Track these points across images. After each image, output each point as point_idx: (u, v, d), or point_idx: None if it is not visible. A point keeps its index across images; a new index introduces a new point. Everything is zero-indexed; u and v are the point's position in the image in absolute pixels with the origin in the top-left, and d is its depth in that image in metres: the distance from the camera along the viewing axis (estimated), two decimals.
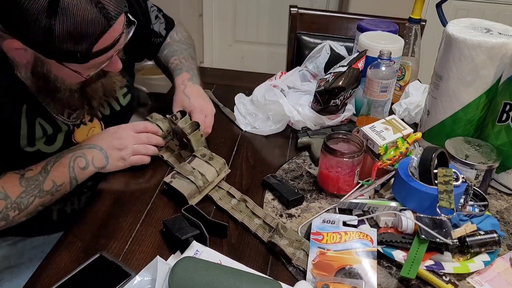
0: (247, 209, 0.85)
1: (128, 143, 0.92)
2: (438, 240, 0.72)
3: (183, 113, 0.98)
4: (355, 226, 0.80)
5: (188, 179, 0.87)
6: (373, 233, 0.76)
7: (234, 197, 0.88)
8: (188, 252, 0.73)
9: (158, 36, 1.15)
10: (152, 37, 1.14)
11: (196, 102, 1.01)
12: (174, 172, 0.90)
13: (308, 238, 0.77)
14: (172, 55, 1.14)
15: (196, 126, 0.95)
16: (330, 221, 0.79)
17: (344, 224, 0.79)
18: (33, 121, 0.84)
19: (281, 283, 0.66)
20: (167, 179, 0.88)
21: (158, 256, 0.69)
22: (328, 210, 0.87)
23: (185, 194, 0.84)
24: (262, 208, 0.87)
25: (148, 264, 0.70)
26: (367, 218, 0.81)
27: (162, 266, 0.68)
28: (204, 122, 0.99)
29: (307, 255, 0.75)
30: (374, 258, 0.72)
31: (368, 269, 0.71)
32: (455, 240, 0.73)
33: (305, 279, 0.71)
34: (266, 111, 1.12)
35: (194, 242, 0.74)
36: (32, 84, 0.81)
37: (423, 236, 0.72)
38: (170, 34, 1.19)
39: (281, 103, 1.08)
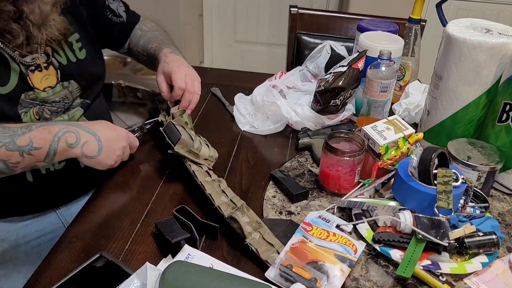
0: (218, 188, 0.87)
1: (120, 152, 0.91)
2: (436, 241, 0.72)
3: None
4: (357, 234, 0.80)
5: (189, 135, 0.91)
6: (360, 245, 0.76)
7: (210, 176, 0.90)
8: (180, 256, 0.72)
9: (117, 16, 1.13)
10: (109, 13, 1.12)
11: (173, 65, 1.04)
12: (179, 125, 0.94)
13: None
14: (149, 42, 1.15)
15: (182, 112, 1.00)
16: (325, 219, 0.80)
17: (338, 227, 0.79)
18: None
19: (273, 287, 0.66)
20: (170, 120, 0.93)
21: (147, 262, 0.68)
22: (328, 209, 0.87)
23: (182, 137, 0.88)
24: (262, 205, 0.88)
25: (138, 270, 0.68)
26: (365, 217, 0.81)
27: (152, 273, 0.66)
28: (183, 81, 1.01)
29: (263, 238, 0.77)
30: (350, 266, 0.72)
31: (338, 273, 0.71)
32: (451, 241, 0.73)
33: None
34: (265, 111, 1.13)
35: (186, 246, 0.74)
36: None
37: (420, 236, 0.72)
38: (138, 27, 1.19)
39: (278, 104, 1.09)
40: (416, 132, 0.89)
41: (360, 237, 0.79)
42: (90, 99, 1.06)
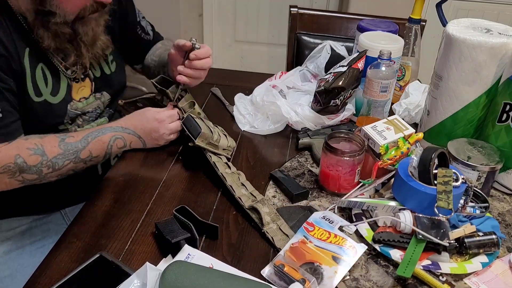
0: (238, 180, 0.91)
1: (164, 136, 0.99)
2: (436, 241, 0.72)
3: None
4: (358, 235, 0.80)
5: (208, 127, 0.95)
6: (361, 247, 0.75)
7: (229, 168, 0.94)
8: (180, 256, 0.73)
9: (145, 33, 1.18)
10: (139, 29, 1.16)
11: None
12: (197, 117, 0.97)
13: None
14: (166, 49, 1.16)
15: (192, 105, 1.03)
16: (329, 219, 0.80)
17: (340, 229, 0.79)
18: (36, 65, 0.90)
19: (273, 287, 0.66)
20: (190, 113, 0.97)
21: (147, 262, 0.68)
22: (329, 209, 0.87)
23: (202, 130, 0.92)
24: None
25: (138, 270, 0.68)
26: (365, 217, 0.81)
27: (152, 272, 0.66)
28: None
29: (280, 229, 0.80)
30: (346, 268, 0.72)
31: (334, 275, 0.71)
32: (451, 241, 0.73)
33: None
34: (265, 111, 1.13)
35: (186, 246, 0.74)
36: (28, 7, 0.85)
37: (420, 236, 0.72)
38: (161, 42, 1.22)
39: (278, 104, 1.09)
40: (416, 132, 0.89)
41: (360, 237, 0.79)
42: (113, 108, 1.12)
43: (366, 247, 0.75)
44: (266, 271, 0.73)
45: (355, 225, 0.80)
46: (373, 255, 0.77)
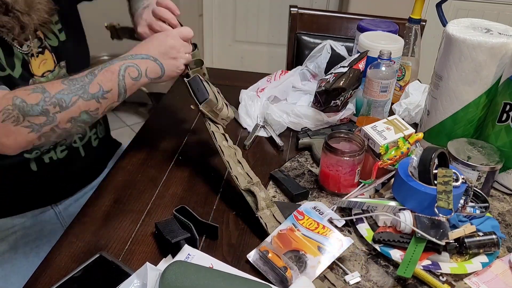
0: (234, 156, 0.89)
1: (182, 53, 0.90)
2: (434, 241, 0.72)
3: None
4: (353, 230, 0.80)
5: (214, 94, 0.91)
6: (347, 241, 0.75)
7: (227, 140, 0.91)
8: (180, 256, 0.73)
9: None
10: None
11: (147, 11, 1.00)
12: (205, 80, 0.92)
13: None
14: None
15: (200, 63, 0.96)
16: (320, 210, 0.80)
17: (330, 221, 0.79)
18: None
19: (273, 287, 0.66)
20: (195, 74, 0.91)
21: (147, 262, 0.68)
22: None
23: (209, 97, 0.88)
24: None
25: (138, 270, 0.68)
26: (365, 217, 0.81)
27: (152, 272, 0.66)
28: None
29: (273, 216, 0.81)
30: (329, 260, 0.73)
31: (317, 265, 0.72)
32: (451, 241, 0.73)
33: None
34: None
35: (186, 246, 0.74)
36: None
37: (420, 235, 0.72)
38: None
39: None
40: (416, 132, 0.89)
41: (360, 237, 0.79)
42: None
43: (353, 241, 0.75)
44: (252, 255, 0.74)
45: (344, 220, 0.81)
46: (373, 255, 0.77)
